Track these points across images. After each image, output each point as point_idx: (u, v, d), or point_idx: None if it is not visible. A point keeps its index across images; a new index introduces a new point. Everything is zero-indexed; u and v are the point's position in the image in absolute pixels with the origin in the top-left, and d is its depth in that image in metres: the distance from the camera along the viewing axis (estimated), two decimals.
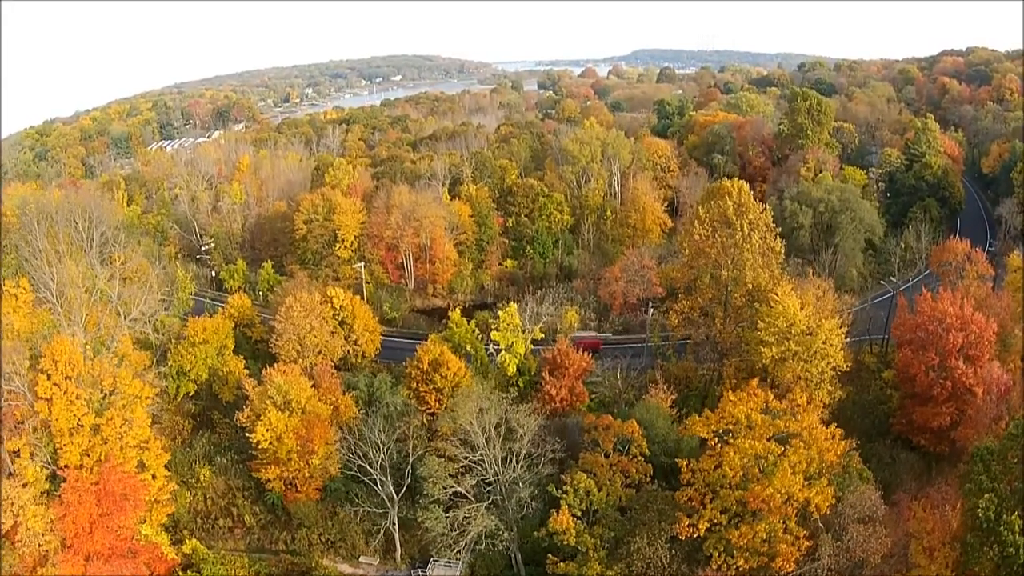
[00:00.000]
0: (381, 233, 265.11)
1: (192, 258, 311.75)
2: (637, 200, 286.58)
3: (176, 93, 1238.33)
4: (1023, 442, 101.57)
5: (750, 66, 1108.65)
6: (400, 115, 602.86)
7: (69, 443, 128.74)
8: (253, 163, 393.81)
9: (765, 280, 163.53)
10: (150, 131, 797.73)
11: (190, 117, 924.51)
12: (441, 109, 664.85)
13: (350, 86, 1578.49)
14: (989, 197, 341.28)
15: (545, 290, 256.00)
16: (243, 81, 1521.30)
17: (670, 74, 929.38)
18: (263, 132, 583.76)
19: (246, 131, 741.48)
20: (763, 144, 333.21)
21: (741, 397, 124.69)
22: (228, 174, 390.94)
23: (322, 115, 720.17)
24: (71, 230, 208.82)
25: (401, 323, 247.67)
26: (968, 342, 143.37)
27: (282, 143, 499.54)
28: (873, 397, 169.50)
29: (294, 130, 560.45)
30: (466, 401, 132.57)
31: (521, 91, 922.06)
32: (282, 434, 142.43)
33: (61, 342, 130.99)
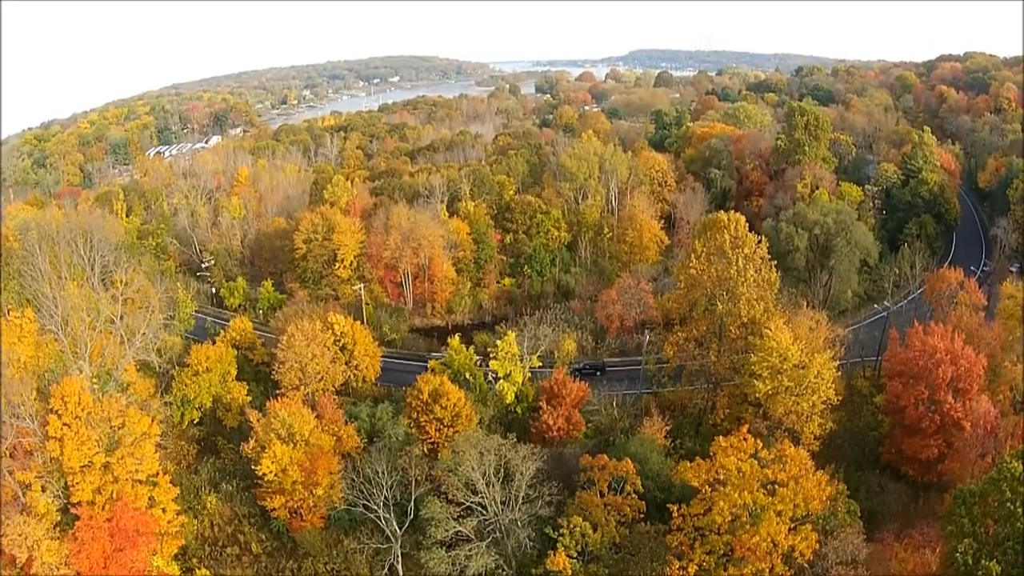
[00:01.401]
0: (380, 253, 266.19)
1: (192, 273, 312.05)
2: (634, 217, 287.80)
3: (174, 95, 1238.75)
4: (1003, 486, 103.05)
5: (748, 69, 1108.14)
6: (398, 123, 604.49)
7: (81, 481, 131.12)
8: (252, 174, 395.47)
9: (759, 313, 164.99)
10: (148, 136, 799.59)
11: (188, 121, 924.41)
12: (439, 115, 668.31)
13: (348, 87, 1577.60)
14: (986, 210, 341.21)
15: (543, 311, 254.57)
16: (240, 82, 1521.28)
17: (667, 78, 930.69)
18: (261, 140, 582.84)
19: (244, 136, 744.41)
20: (760, 158, 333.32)
21: (732, 443, 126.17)
22: (227, 185, 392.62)
23: (320, 121, 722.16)
24: (72, 253, 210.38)
25: (400, 344, 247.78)
26: (958, 375, 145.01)
27: (280, 151, 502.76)
28: (864, 423, 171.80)
29: (292, 137, 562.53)
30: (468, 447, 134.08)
31: (519, 95, 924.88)
32: (287, 466, 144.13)
33: (70, 383, 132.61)
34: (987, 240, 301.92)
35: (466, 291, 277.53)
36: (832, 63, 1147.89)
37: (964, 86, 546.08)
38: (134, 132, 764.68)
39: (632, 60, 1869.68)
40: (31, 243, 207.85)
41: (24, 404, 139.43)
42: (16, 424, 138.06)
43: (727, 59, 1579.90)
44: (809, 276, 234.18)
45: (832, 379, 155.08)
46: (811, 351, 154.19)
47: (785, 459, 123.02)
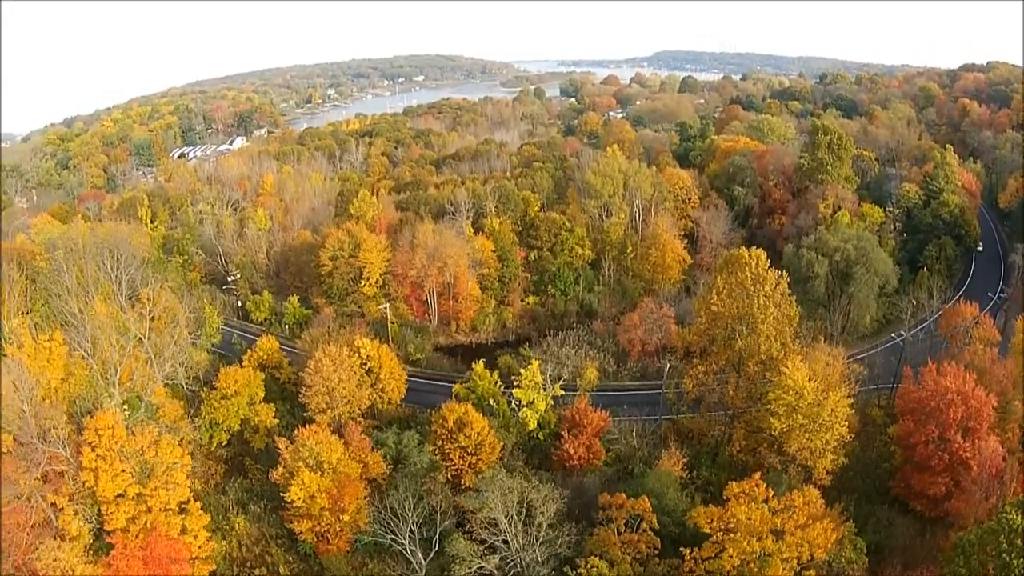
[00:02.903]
0: (406, 272, 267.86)
1: (217, 284, 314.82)
2: (658, 237, 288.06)
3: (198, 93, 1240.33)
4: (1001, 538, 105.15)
5: (771, 75, 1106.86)
6: (423, 129, 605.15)
7: (116, 510, 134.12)
8: (277, 182, 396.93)
9: (777, 349, 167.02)
10: (172, 136, 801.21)
11: (212, 122, 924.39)
12: (464, 120, 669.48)
13: (372, 86, 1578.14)
14: (1006, 229, 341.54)
15: (566, 332, 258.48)
16: (265, 80, 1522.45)
17: (692, 83, 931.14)
18: (286, 144, 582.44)
19: (268, 138, 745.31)
20: (784, 174, 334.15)
21: (745, 488, 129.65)
22: (252, 191, 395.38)
23: (345, 124, 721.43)
24: (99, 271, 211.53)
25: (425, 363, 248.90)
26: (968, 415, 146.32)
27: (305, 157, 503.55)
28: (877, 455, 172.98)
29: (317, 142, 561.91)
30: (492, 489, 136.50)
31: (543, 99, 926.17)
32: (315, 493, 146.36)
33: (104, 417, 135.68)
34: (1006, 262, 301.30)
35: (490, 309, 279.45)
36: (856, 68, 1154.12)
37: (987, 99, 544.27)
38: (158, 133, 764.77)
39: (657, 61, 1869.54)
40: (58, 262, 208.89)
41: (55, 428, 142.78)
42: (48, 450, 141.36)
43: (751, 62, 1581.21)
44: (829, 302, 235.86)
45: (846, 416, 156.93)
46: (826, 388, 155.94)
47: (794, 508, 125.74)
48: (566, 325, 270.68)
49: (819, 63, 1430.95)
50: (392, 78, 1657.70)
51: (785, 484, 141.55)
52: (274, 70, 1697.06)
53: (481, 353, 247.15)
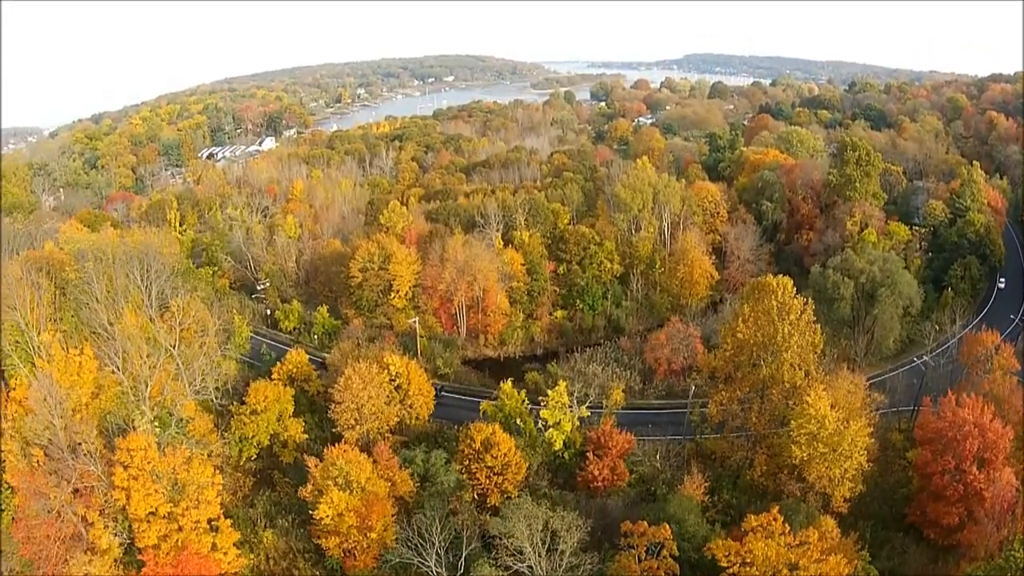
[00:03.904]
0: (435, 285, 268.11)
1: (246, 291, 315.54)
2: (686, 253, 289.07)
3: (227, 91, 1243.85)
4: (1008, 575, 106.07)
5: (800, 81, 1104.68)
6: (453, 134, 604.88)
7: (147, 528, 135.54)
8: (306, 187, 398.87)
9: (800, 378, 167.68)
10: (200, 136, 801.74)
11: (241, 122, 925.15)
12: (494, 125, 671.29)
13: (402, 86, 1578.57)
14: None
15: (593, 348, 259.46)
16: (295, 78, 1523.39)
17: (721, 89, 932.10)
18: (315, 147, 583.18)
19: (298, 139, 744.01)
20: (812, 189, 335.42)
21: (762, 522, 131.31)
22: (282, 195, 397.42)
23: (374, 127, 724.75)
24: (128, 281, 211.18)
25: (453, 377, 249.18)
26: (984, 446, 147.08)
27: (335, 161, 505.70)
28: (895, 480, 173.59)
29: (346, 146, 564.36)
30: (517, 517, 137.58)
31: (573, 102, 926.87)
32: (343, 511, 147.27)
33: (137, 439, 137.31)
34: None
35: (519, 323, 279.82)
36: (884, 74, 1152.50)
37: (1014, 111, 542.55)
38: (187, 133, 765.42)
39: (686, 64, 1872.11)
40: (88, 272, 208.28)
41: (85, 442, 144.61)
42: (79, 466, 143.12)
43: (780, 65, 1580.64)
44: (854, 323, 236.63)
45: (865, 445, 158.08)
46: (847, 417, 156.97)
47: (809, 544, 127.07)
48: (593, 340, 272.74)
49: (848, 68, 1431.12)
50: (422, 78, 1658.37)
51: (803, 513, 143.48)
52: (304, 68, 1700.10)
53: (509, 367, 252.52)
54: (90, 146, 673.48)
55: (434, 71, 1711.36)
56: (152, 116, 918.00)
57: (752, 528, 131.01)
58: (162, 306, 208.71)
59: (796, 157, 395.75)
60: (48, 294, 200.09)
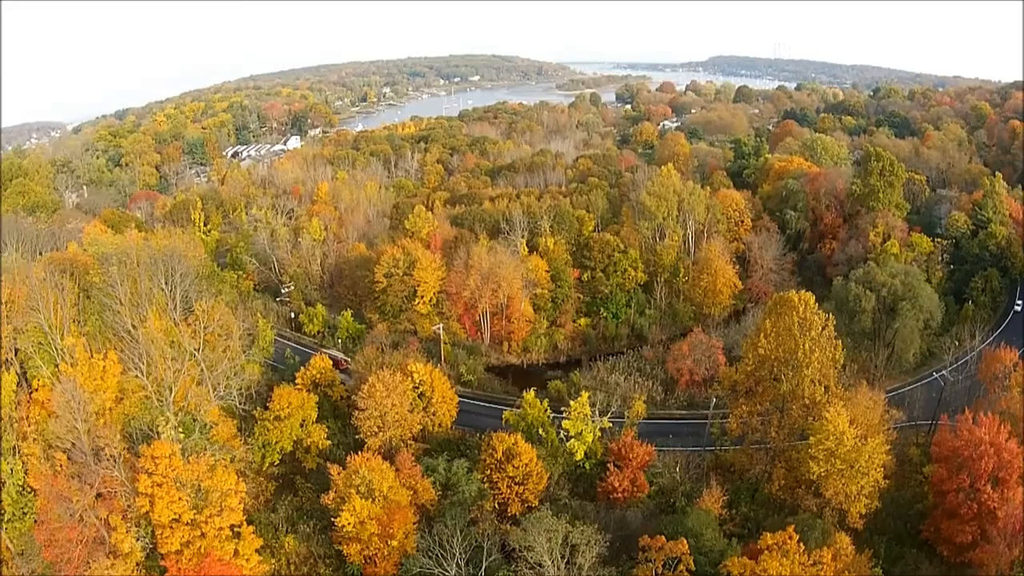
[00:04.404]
0: (460, 292, 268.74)
1: (270, 293, 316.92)
2: (710, 262, 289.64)
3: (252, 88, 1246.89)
4: None
5: (825, 85, 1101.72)
6: (479, 136, 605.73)
7: (170, 535, 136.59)
8: (332, 189, 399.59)
9: (820, 394, 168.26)
10: (225, 134, 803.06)
11: (266, 120, 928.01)
12: (519, 127, 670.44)
13: (428, 85, 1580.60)
14: None
15: (616, 357, 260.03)
16: (319, 76, 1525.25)
17: (746, 92, 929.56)
18: (340, 148, 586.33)
19: (323, 139, 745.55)
20: (836, 198, 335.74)
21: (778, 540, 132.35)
22: (307, 197, 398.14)
23: (400, 128, 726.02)
24: (152, 284, 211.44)
25: (477, 384, 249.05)
26: (999, 465, 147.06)
27: (360, 162, 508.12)
28: (911, 495, 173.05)
29: (372, 147, 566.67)
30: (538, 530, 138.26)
31: (599, 105, 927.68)
32: (364, 519, 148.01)
33: (161, 447, 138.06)
34: None
35: (542, 330, 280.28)
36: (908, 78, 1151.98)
37: None
38: (211, 131, 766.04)
39: (712, 67, 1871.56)
40: (112, 276, 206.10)
41: (108, 446, 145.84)
42: (102, 471, 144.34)
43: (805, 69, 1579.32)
44: (875, 335, 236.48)
45: (882, 462, 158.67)
46: (865, 434, 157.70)
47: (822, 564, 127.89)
48: (616, 348, 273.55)
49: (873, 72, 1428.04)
50: (448, 77, 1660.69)
51: (819, 529, 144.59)
52: (329, 66, 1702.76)
53: (532, 374, 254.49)
54: (114, 144, 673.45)
55: (460, 70, 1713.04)
56: (176, 114, 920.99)
57: (768, 546, 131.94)
58: (186, 309, 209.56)
59: (820, 165, 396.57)
60: (71, 296, 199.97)
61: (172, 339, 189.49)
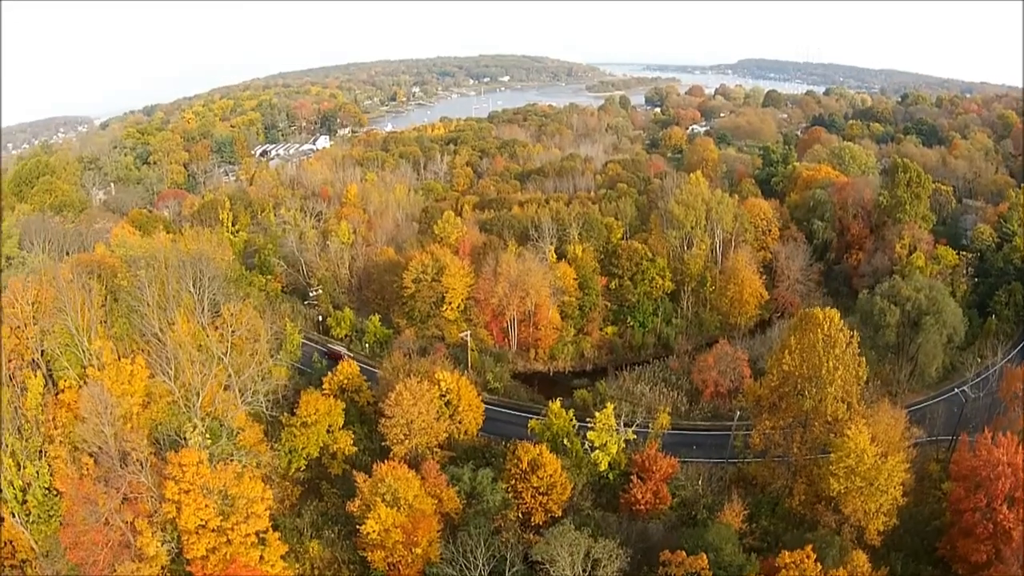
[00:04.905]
0: (488, 299, 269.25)
1: (298, 295, 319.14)
2: (737, 272, 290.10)
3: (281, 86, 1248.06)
4: None
5: (854, 91, 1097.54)
6: (508, 139, 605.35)
7: (196, 540, 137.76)
8: (361, 191, 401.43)
9: (843, 412, 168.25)
10: (254, 132, 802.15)
11: (295, 119, 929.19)
12: (549, 130, 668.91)
13: (457, 85, 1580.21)
14: None
15: (642, 366, 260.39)
16: (349, 74, 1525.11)
17: (775, 97, 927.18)
18: (370, 150, 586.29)
19: (352, 138, 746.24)
20: (863, 208, 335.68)
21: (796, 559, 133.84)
22: (335, 198, 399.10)
23: (429, 129, 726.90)
24: (180, 287, 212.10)
25: (503, 392, 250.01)
26: (1016, 485, 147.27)
27: (389, 164, 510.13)
28: (929, 511, 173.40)
29: (401, 148, 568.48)
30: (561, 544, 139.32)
31: (628, 108, 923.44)
32: (389, 527, 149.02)
33: (189, 454, 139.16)
34: None
35: (569, 338, 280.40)
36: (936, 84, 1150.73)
37: None
38: (240, 129, 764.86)
39: (741, 69, 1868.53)
40: (140, 279, 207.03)
41: (135, 451, 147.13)
42: (128, 477, 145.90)
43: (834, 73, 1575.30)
44: (898, 348, 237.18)
45: (901, 480, 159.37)
46: (885, 451, 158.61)
47: None
48: (643, 357, 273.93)
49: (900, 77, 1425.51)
50: (477, 77, 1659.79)
51: (836, 546, 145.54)
52: (359, 65, 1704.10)
53: (558, 382, 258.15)
54: (142, 141, 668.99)
55: (490, 71, 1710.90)
56: (205, 111, 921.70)
57: (785, 564, 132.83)
58: (214, 313, 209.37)
59: (848, 173, 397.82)
60: (99, 298, 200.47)
61: (200, 343, 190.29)
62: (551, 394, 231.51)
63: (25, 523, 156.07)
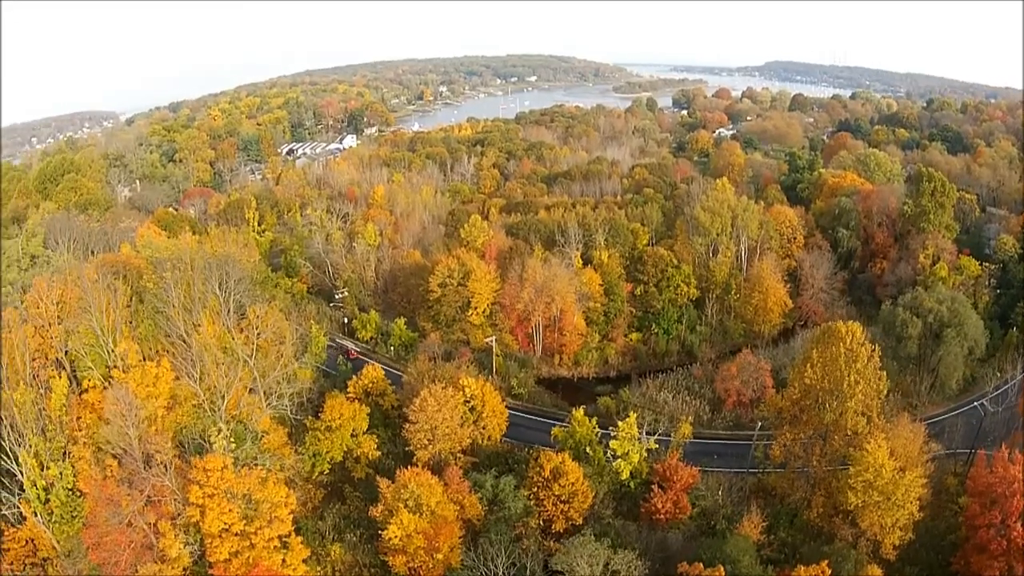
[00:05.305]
0: (513, 305, 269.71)
1: (323, 296, 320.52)
2: (762, 280, 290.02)
3: (308, 84, 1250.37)
4: None
5: (879, 95, 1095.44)
6: (535, 141, 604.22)
7: (219, 544, 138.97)
8: (387, 193, 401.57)
9: (863, 426, 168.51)
10: (280, 131, 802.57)
11: (322, 118, 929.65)
12: (576, 132, 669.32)
13: (485, 85, 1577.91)
14: None
15: (666, 374, 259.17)
16: (376, 73, 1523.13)
17: (802, 101, 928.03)
18: (397, 151, 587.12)
19: (379, 138, 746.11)
20: (887, 216, 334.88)
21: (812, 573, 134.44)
22: (362, 199, 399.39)
23: (456, 129, 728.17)
24: (206, 288, 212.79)
25: (527, 397, 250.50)
26: None
27: (416, 165, 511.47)
28: (945, 526, 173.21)
29: (428, 149, 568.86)
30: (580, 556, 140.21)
31: (655, 110, 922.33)
32: (411, 533, 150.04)
33: (214, 460, 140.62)
34: None
35: (594, 344, 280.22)
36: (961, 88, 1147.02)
37: None
38: (266, 128, 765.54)
39: (768, 71, 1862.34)
40: (166, 281, 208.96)
41: (159, 453, 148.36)
42: (152, 479, 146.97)
43: (860, 76, 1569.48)
44: (920, 360, 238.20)
45: (918, 495, 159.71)
46: (903, 466, 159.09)
47: None
48: (666, 365, 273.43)
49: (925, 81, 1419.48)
50: (505, 77, 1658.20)
51: (852, 560, 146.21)
52: (386, 63, 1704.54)
53: (582, 388, 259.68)
54: (168, 138, 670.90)
55: (517, 70, 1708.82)
56: (231, 108, 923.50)
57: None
58: (239, 314, 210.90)
59: (873, 181, 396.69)
60: (123, 298, 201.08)
61: (225, 345, 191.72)
62: (575, 400, 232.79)
63: (47, 522, 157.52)
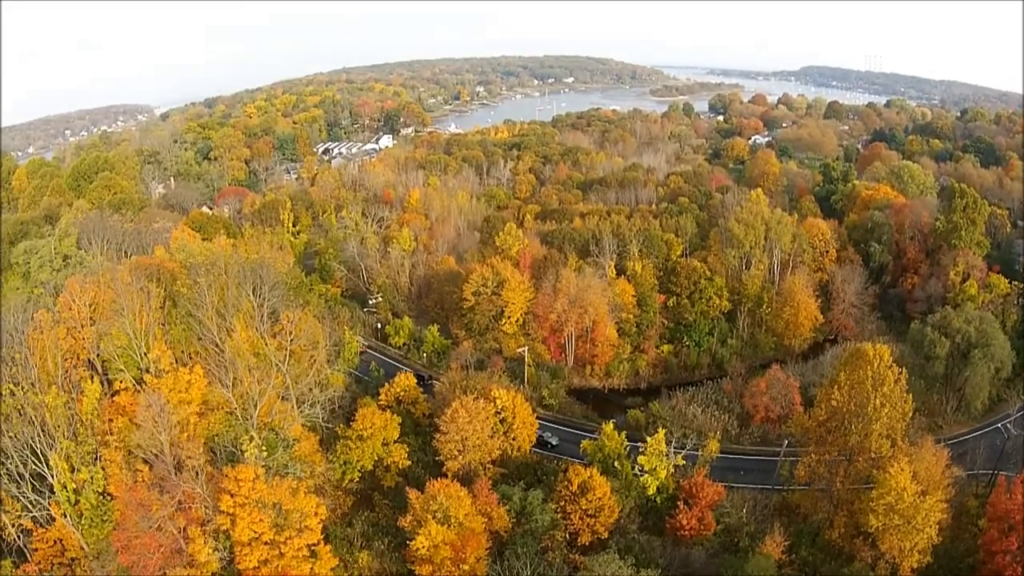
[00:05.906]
0: (546, 315, 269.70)
1: (357, 300, 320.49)
2: (793, 295, 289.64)
3: (344, 82, 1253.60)
4: None
5: (914, 103, 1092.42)
6: (571, 146, 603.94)
7: (249, 552, 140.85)
8: (423, 196, 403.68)
9: (887, 448, 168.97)
10: (316, 130, 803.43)
11: (358, 117, 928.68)
12: (612, 137, 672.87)
13: (521, 85, 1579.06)
14: None
15: (696, 387, 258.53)
16: (413, 72, 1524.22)
17: (837, 108, 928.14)
18: (433, 153, 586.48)
19: (415, 139, 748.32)
20: (919, 231, 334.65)
21: None
22: (397, 202, 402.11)
23: (492, 132, 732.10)
24: (240, 293, 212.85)
25: (558, 408, 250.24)
26: None
27: (452, 168, 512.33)
28: (964, 548, 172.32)
29: (464, 152, 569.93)
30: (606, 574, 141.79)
31: (692, 115, 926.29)
32: (439, 543, 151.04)
33: (245, 471, 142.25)
34: None
35: (625, 355, 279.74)
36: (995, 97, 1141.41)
37: None
38: (302, 126, 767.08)
39: (804, 76, 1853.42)
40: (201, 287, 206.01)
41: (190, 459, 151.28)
42: (183, 486, 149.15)
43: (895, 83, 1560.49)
44: (946, 380, 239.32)
45: (938, 520, 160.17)
46: (925, 489, 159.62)
47: None
48: (697, 377, 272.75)
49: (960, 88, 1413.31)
50: (541, 78, 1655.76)
51: None
52: (422, 62, 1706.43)
53: (611, 400, 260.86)
54: (203, 136, 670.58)
55: (554, 71, 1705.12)
56: (267, 106, 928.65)
57: None
58: (273, 319, 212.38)
59: (906, 193, 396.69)
60: (156, 301, 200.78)
61: (258, 350, 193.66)
62: (604, 411, 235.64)
63: (77, 524, 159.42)
